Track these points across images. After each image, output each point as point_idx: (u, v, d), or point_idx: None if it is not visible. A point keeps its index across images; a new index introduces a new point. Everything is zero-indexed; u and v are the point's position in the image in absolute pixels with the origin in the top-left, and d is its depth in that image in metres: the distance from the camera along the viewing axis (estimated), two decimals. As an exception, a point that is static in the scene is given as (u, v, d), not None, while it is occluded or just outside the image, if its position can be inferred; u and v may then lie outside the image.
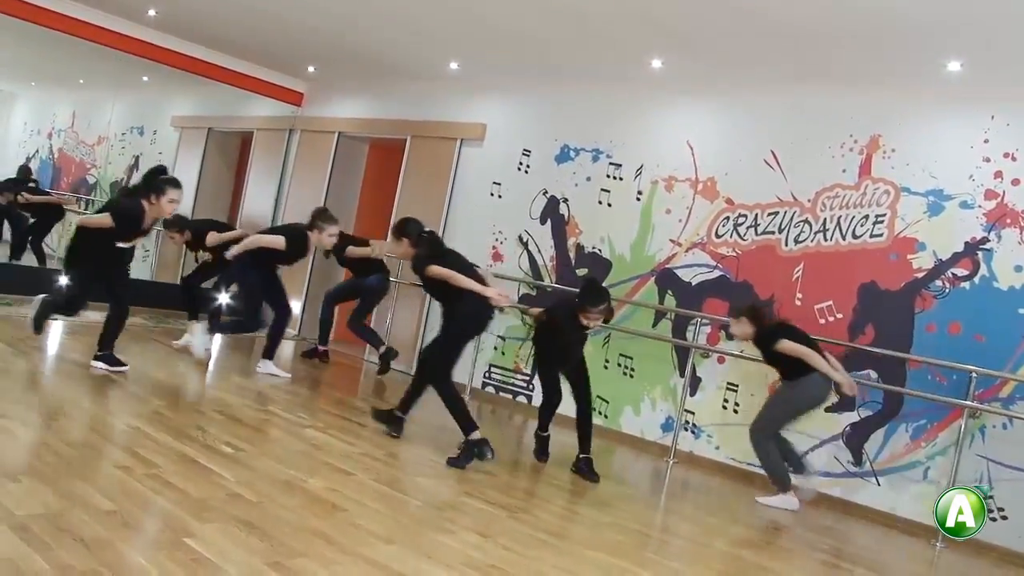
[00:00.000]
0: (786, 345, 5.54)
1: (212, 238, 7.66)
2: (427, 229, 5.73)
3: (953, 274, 5.82)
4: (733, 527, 5.16)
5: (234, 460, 4.51)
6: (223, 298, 7.62)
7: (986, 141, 5.83)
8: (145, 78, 10.69)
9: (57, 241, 11.14)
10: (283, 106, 10.39)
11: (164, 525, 3.43)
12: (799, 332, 5.69)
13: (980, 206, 5.81)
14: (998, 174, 5.77)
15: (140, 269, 10.70)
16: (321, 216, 7.01)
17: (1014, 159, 5.73)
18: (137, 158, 12.22)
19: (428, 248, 5.55)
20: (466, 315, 5.39)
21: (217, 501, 3.80)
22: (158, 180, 5.94)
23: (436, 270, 5.33)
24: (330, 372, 8.24)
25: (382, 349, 8.07)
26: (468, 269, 5.46)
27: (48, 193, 10.76)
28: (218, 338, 7.77)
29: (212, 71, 9.54)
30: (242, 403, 5.93)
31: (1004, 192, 5.73)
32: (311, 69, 9.77)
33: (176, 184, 5.97)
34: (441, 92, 8.82)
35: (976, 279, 5.76)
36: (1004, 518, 5.38)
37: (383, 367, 8.04)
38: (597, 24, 6.17)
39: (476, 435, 5.26)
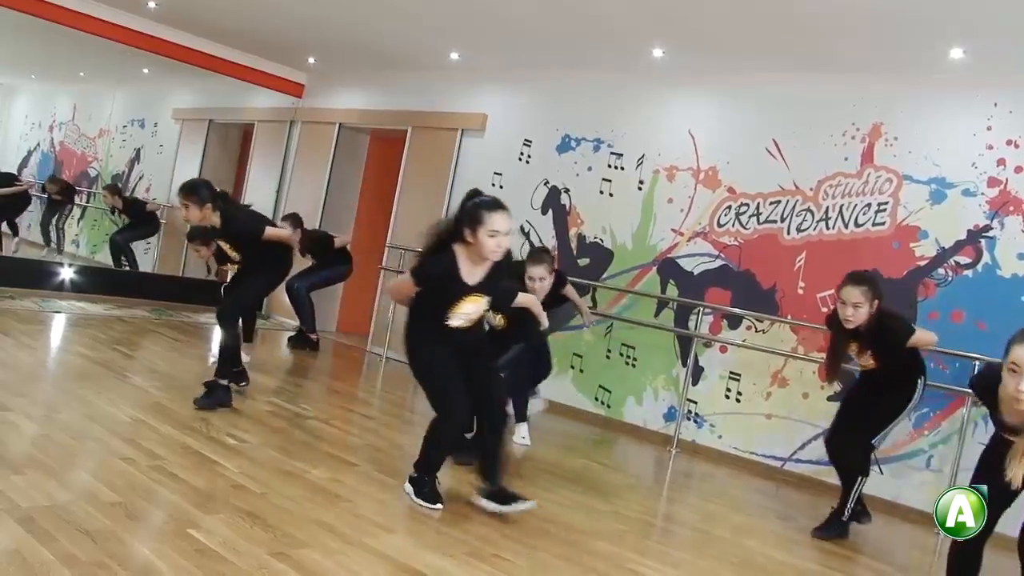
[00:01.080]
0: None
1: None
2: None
3: (956, 262, 5.81)
4: (736, 516, 5.16)
5: (237, 451, 4.52)
6: None
7: (989, 128, 5.81)
8: (146, 70, 10.68)
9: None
10: (284, 97, 10.38)
11: (168, 516, 3.44)
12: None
13: (983, 194, 5.79)
14: (1001, 161, 5.75)
15: (142, 261, 10.73)
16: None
17: (1017, 146, 5.72)
18: (138, 151, 12.23)
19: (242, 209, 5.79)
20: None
21: (221, 492, 3.82)
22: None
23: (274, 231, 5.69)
24: (331, 363, 8.25)
25: (314, 336, 8.47)
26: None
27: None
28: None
29: (212, 63, 9.52)
30: (244, 395, 5.94)
31: (1007, 179, 5.72)
32: (311, 60, 9.76)
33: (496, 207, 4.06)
34: (442, 83, 8.80)
35: (979, 267, 5.76)
36: (1007, 506, 5.38)
37: (297, 343, 8.46)
38: (598, 14, 6.15)
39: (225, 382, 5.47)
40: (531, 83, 8.20)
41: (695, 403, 6.80)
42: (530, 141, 8.09)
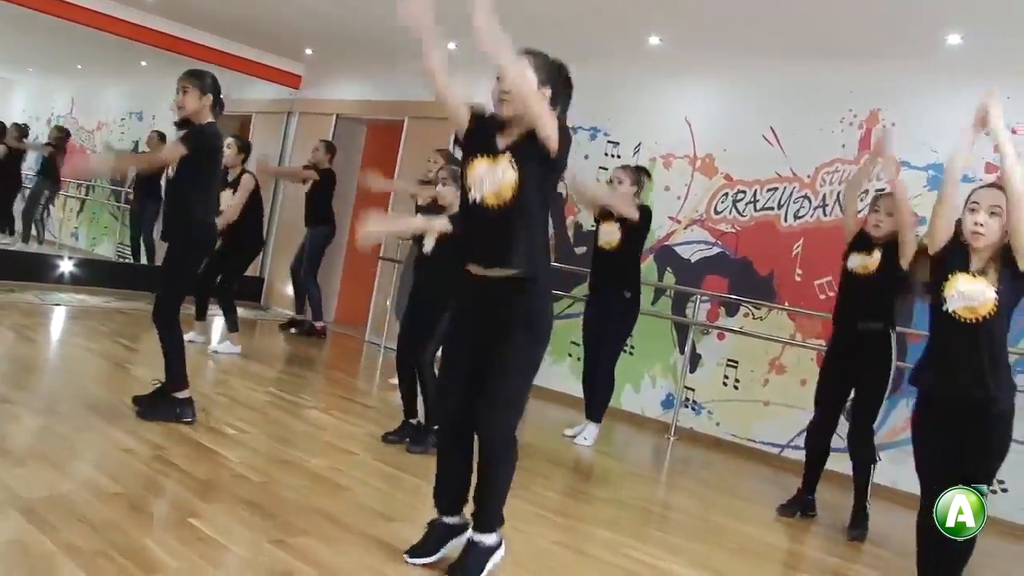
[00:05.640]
0: None
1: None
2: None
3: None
4: (734, 502, 5.19)
5: (237, 441, 4.55)
6: None
7: (986, 115, 5.81)
8: (143, 63, 10.69)
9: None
10: (281, 89, 10.39)
11: (169, 506, 3.47)
12: None
13: (981, 180, 5.79)
14: (998, 148, 5.74)
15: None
16: None
17: (1014, 132, 5.71)
18: (136, 143, 12.25)
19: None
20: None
21: (221, 482, 3.85)
22: None
23: None
24: (329, 353, 8.27)
25: (320, 324, 8.63)
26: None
27: None
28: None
29: (210, 55, 9.51)
30: (245, 385, 5.96)
31: (1004, 165, 5.72)
32: (309, 52, 9.76)
33: None
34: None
35: (976, 252, 5.76)
36: (1004, 491, 5.41)
37: (291, 327, 8.62)
38: (595, 1, 6.16)
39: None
40: (528, 72, 8.18)
41: (693, 390, 6.83)
42: (528, 130, 8.07)
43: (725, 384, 6.70)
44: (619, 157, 7.44)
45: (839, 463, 6.02)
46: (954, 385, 3.46)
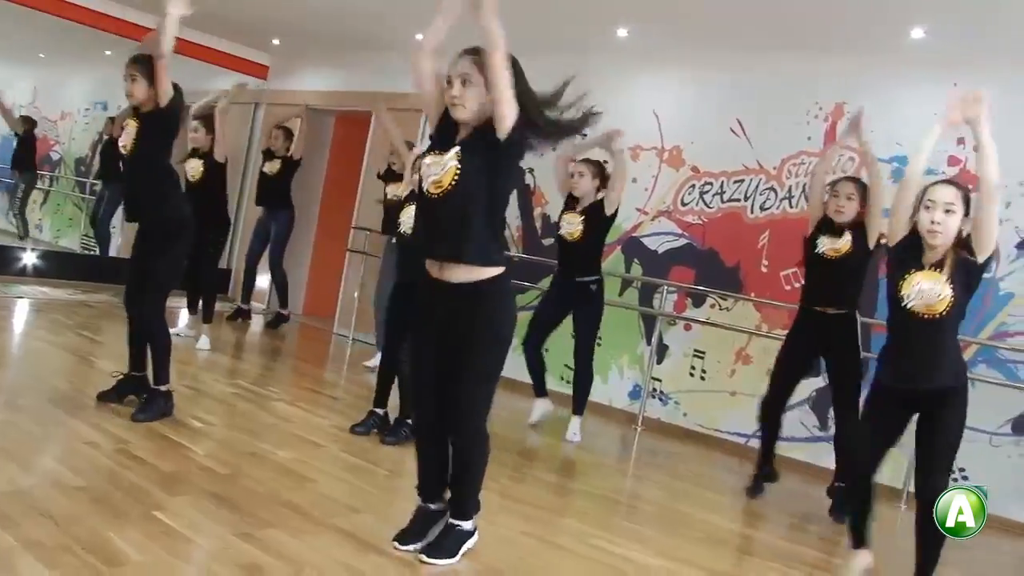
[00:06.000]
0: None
1: None
2: None
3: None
4: (701, 492, 5.23)
5: (203, 434, 4.53)
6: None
7: (949, 107, 5.87)
8: (108, 52, 10.53)
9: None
10: (249, 79, 10.28)
11: (134, 499, 3.43)
12: None
13: (943, 172, 5.85)
14: (960, 140, 5.82)
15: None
16: None
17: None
18: (101, 134, 12.10)
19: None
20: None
21: (187, 474, 3.83)
22: None
23: None
24: (297, 345, 8.24)
25: (286, 311, 8.55)
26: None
27: None
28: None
29: (176, 45, 9.39)
30: (211, 377, 5.93)
31: (966, 158, 5.79)
32: (276, 42, 9.68)
33: None
34: (407, 64, 8.63)
35: (939, 244, 5.83)
36: (965, 479, 5.48)
37: (238, 317, 8.54)
38: (562, -7, 6.16)
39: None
40: (496, 64, 8.17)
41: (660, 381, 6.86)
42: (495, 122, 8.06)
43: (692, 375, 6.74)
44: (587, 149, 7.44)
45: (805, 452, 6.10)
46: (913, 378, 3.59)
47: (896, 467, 5.30)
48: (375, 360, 6.64)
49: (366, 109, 9.08)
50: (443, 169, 3.15)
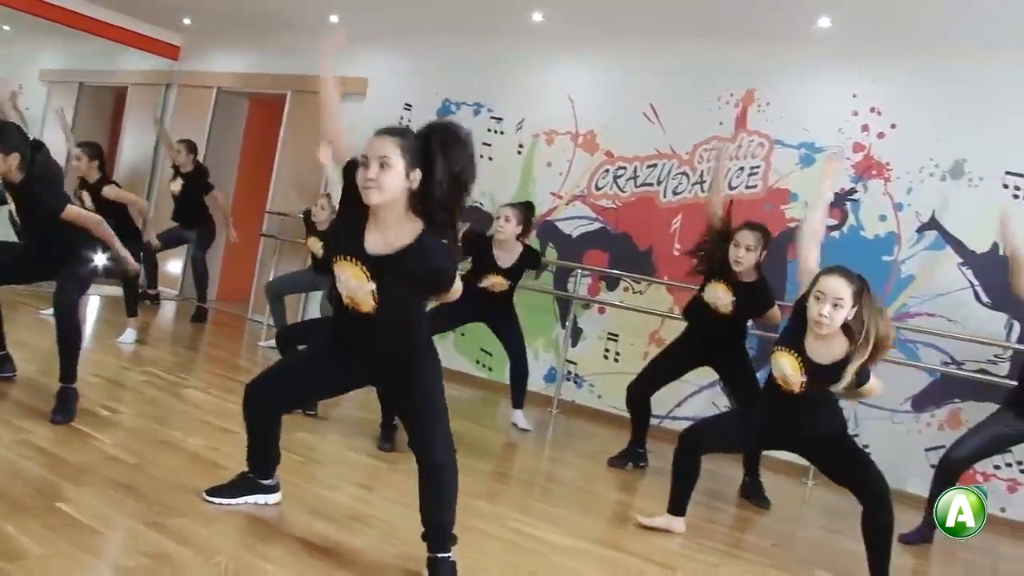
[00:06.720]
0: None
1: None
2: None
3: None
4: (615, 473, 5.29)
5: (111, 423, 4.43)
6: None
7: (854, 96, 6.04)
8: (7, 27, 10.18)
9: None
10: (159, 60, 10.04)
11: (36, 491, 3.34)
12: None
13: (848, 158, 6.03)
14: (865, 127, 5.99)
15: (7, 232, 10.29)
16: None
17: (880, 113, 5.96)
18: None
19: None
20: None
21: (93, 465, 3.73)
22: None
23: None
24: (211, 332, 8.11)
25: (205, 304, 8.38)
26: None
27: None
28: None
29: (81, 22, 9.14)
30: (119, 365, 5.81)
31: (870, 145, 5.96)
32: (187, 21, 9.47)
33: None
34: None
35: (844, 228, 6.00)
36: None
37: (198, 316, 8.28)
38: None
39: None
40: (412, 47, 8.14)
41: (575, 364, 6.94)
42: (410, 105, 8.05)
43: (606, 357, 6.83)
44: (502, 133, 7.47)
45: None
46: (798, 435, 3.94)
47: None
48: (271, 340, 6.79)
49: (280, 92, 8.99)
50: (359, 292, 3.00)
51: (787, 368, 3.69)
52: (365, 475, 4.44)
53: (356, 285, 2.99)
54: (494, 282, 5.70)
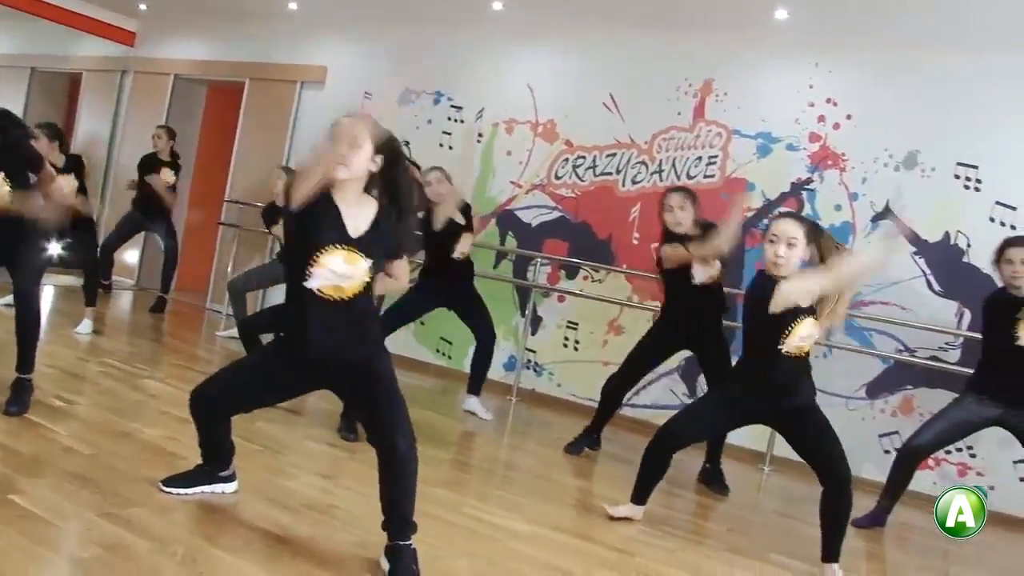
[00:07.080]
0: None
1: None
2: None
3: (780, 213, 6.10)
4: (573, 460, 5.32)
5: (66, 414, 4.39)
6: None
7: (811, 87, 6.10)
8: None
9: None
10: (115, 46, 9.88)
11: (-12, 483, 3.32)
12: None
13: (805, 148, 6.10)
14: (821, 118, 6.06)
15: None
16: None
17: (835, 104, 6.03)
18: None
19: None
20: None
21: (48, 456, 3.70)
22: None
23: None
24: (168, 321, 8.04)
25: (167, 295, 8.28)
26: None
27: None
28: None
29: (32, 5, 8.97)
30: (75, 356, 5.75)
31: (826, 135, 6.03)
32: (143, 7, 9.34)
33: None
34: (281, 33, 8.58)
35: (800, 217, 6.06)
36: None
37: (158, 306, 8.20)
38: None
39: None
40: (372, 35, 8.10)
41: (534, 352, 6.96)
42: (370, 94, 8.01)
43: (565, 346, 6.86)
44: (462, 122, 7.46)
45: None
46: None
47: (761, 430, 5.50)
48: (231, 331, 6.82)
49: (238, 79, 8.91)
50: (355, 273, 3.07)
51: (810, 328, 3.67)
52: (325, 465, 4.43)
53: (350, 269, 3.05)
54: (467, 243, 5.69)
